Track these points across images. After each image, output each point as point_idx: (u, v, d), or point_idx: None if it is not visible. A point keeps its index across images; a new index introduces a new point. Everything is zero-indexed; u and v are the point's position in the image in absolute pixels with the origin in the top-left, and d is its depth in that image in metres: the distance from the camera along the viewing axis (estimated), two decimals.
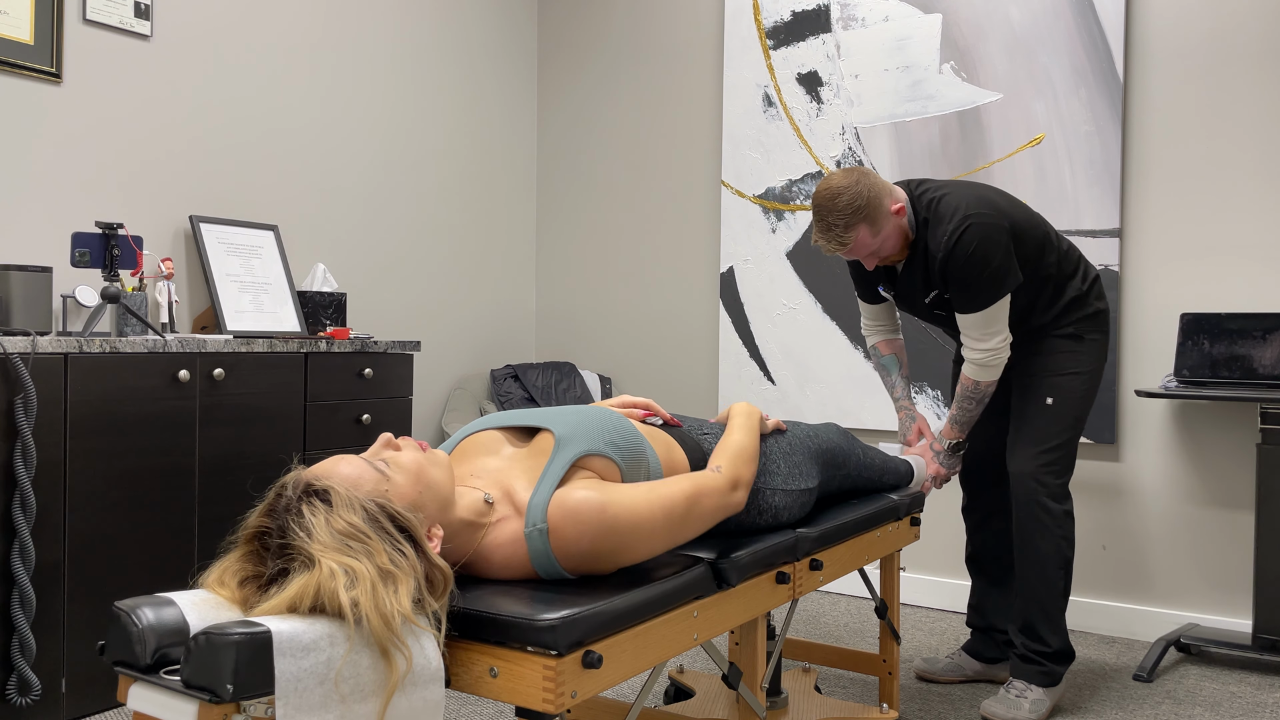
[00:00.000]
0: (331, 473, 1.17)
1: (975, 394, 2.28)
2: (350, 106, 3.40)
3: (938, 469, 2.38)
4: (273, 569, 1.11)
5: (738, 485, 1.51)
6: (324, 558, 1.06)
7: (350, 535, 1.09)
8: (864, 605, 3.29)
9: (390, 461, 1.22)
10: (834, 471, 1.94)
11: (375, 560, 1.09)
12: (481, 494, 1.31)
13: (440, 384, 3.79)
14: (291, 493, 1.14)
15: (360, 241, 3.45)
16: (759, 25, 3.60)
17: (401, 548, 1.12)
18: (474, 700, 2.35)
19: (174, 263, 2.86)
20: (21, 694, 2.03)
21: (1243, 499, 2.80)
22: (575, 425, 1.42)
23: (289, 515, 1.12)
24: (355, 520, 1.11)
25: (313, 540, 1.08)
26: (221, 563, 1.16)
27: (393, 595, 1.07)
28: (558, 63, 4.15)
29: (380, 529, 1.12)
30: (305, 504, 1.12)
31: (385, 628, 1.05)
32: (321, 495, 1.13)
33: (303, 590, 1.05)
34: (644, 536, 1.32)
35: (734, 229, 3.66)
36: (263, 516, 1.15)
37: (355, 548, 1.09)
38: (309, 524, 1.10)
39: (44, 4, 2.55)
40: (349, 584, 1.05)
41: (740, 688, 1.61)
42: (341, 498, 1.13)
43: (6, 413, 2.02)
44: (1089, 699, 2.41)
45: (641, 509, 1.32)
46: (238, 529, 1.18)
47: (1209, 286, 2.84)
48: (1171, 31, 2.89)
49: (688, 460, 1.60)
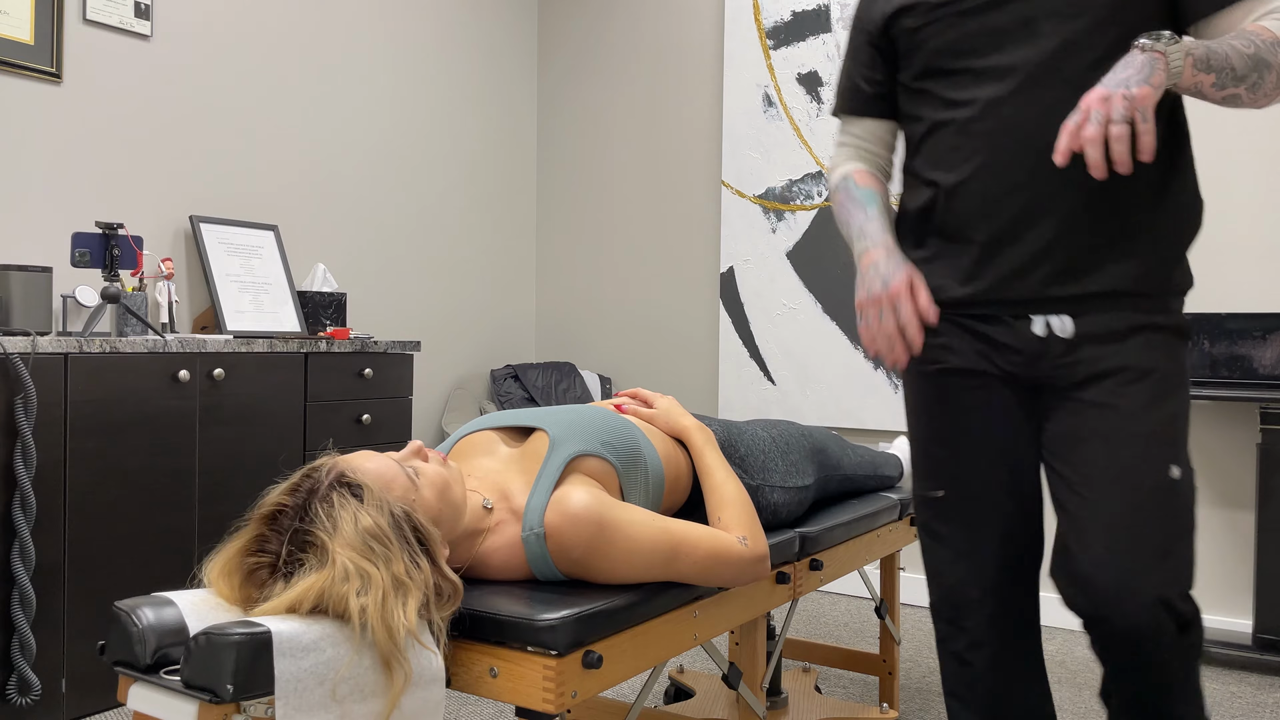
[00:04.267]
0: (366, 468, 1.16)
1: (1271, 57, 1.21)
2: (350, 107, 3.40)
3: None
4: (284, 553, 1.09)
5: (764, 557, 1.41)
6: (340, 556, 1.05)
7: (375, 536, 1.08)
8: (864, 605, 3.29)
9: (419, 472, 1.22)
10: (830, 472, 1.93)
11: (392, 568, 1.08)
12: (481, 499, 1.31)
13: (440, 384, 3.79)
14: (325, 477, 1.12)
15: (360, 241, 3.45)
16: (759, 25, 3.60)
17: (418, 559, 1.12)
18: (474, 700, 2.35)
19: (174, 263, 2.86)
20: (21, 694, 2.03)
21: (1243, 499, 2.80)
22: (569, 426, 1.41)
23: (317, 500, 1.10)
24: (382, 522, 1.10)
25: (336, 533, 1.07)
26: (227, 548, 1.14)
27: (401, 608, 1.06)
28: (558, 63, 4.15)
29: (402, 536, 1.11)
30: (337, 493, 1.11)
31: (389, 640, 1.04)
32: (354, 489, 1.12)
33: (311, 588, 1.04)
34: (638, 571, 1.29)
35: (734, 229, 3.66)
36: (285, 494, 1.13)
37: (376, 550, 1.08)
38: (337, 515, 1.08)
39: (44, 4, 2.55)
40: (361, 589, 1.04)
41: (740, 688, 1.61)
42: (374, 496, 1.12)
43: (6, 413, 2.02)
44: (1089, 699, 2.41)
45: (643, 545, 1.28)
46: (252, 508, 1.16)
47: (1209, 286, 2.84)
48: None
49: (688, 457, 1.60)
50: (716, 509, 1.47)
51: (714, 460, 1.55)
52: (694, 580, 1.35)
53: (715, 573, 1.36)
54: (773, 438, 1.77)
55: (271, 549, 1.11)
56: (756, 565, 1.40)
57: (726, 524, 1.44)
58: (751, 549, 1.40)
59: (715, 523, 1.45)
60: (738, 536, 1.41)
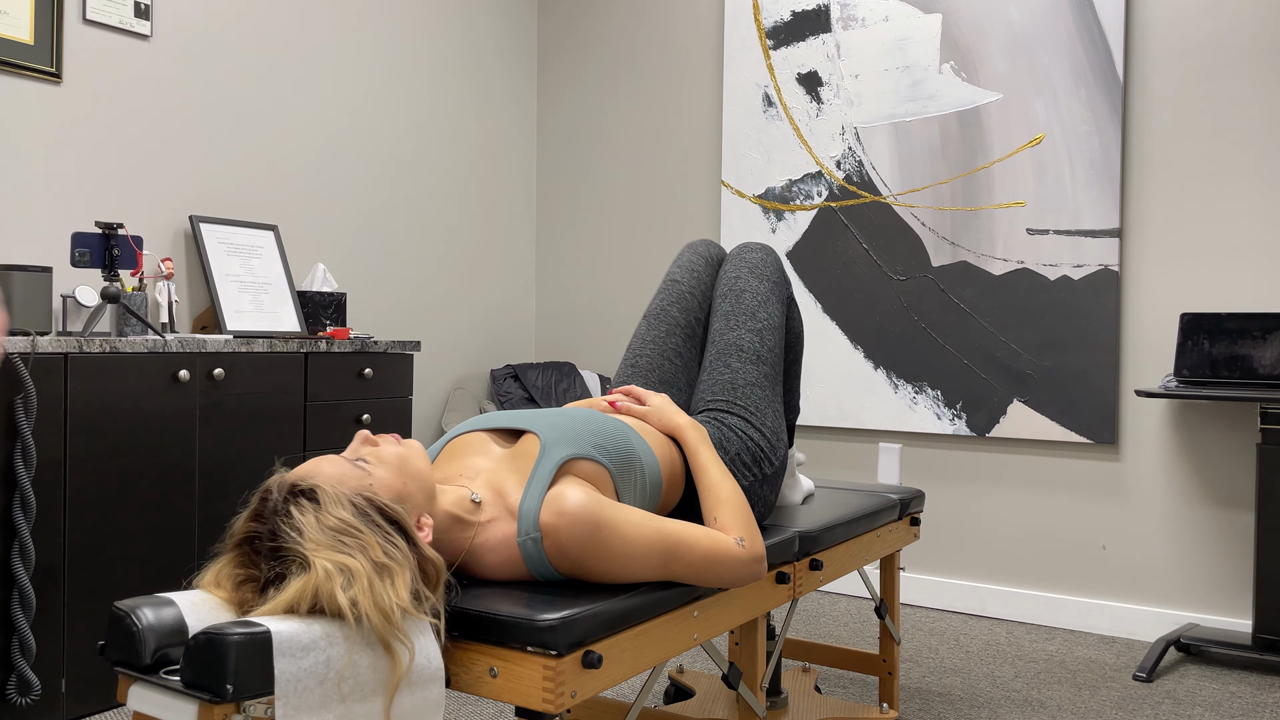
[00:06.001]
0: (315, 472, 1.16)
1: None
2: (351, 106, 3.40)
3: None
4: (268, 572, 1.10)
5: (762, 558, 1.42)
6: (317, 558, 1.06)
7: (342, 531, 1.09)
8: (864, 605, 3.29)
9: (371, 457, 1.22)
10: (775, 372, 1.82)
11: (370, 554, 1.08)
12: (468, 492, 1.30)
13: (440, 384, 3.79)
14: (277, 495, 1.13)
15: (360, 241, 3.45)
16: (759, 25, 3.60)
17: (393, 540, 1.12)
18: (474, 700, 2.35)
19: (174, 263, 2.86)
20: (21, 694, 2.03)
21: (1243, 499, 2.80)
22: (560, 429, 1.39)
23: (278, 518, 1.11)
24: (345, 515, 1.10)
25: (305, 539, 1.07)
26: (215, 565, 1.15)
27: (390, 589, 1.07)
28: (558, 62, 4.15)
29: (371, 522, 1.12)
30: (293, 504, 1.11)
31: (385, 622, 1.05)
32: (308, 494, 1.12)
33: (300, 593, 1.05)
34: (635, 572, 1.29)
35: (734, 229, 3.66)
36: (250, 521, 1.13)
37: (348, 543, 1.08)
38: (299, 524, 1.09)
39: (44, 4, 2.55)
40: (346, 584, 1.05)
41: (740, 688, 1.61)
42: (329, 495, 1.12)
43: (6, 413, 2.02)
44: (1089, 699, 2.41)
45: (639, 546, 1.28)
46: (225, 535, 1.17)
47: (1209, 286, 2.84)
48: (1171, 31, 2.89)
49: (683, 456, 1.59)
50: (712, 509, 1.46)
51: (708, 458, 1.53)
52: (690, 580, 1.35)
53: (712, 573, 1.35)
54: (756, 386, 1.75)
55: (254, 575, 1.12)
56: (754, 566, 1.40)
57: (723, 524, 1.43)
58: (749, 550, 1.40)
59: (711, 523, 1.44)
60: (735, 538, 1.40)
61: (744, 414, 1.70)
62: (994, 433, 3.15)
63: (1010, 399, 3.12)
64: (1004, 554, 3.16)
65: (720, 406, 1.71)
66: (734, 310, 1.82)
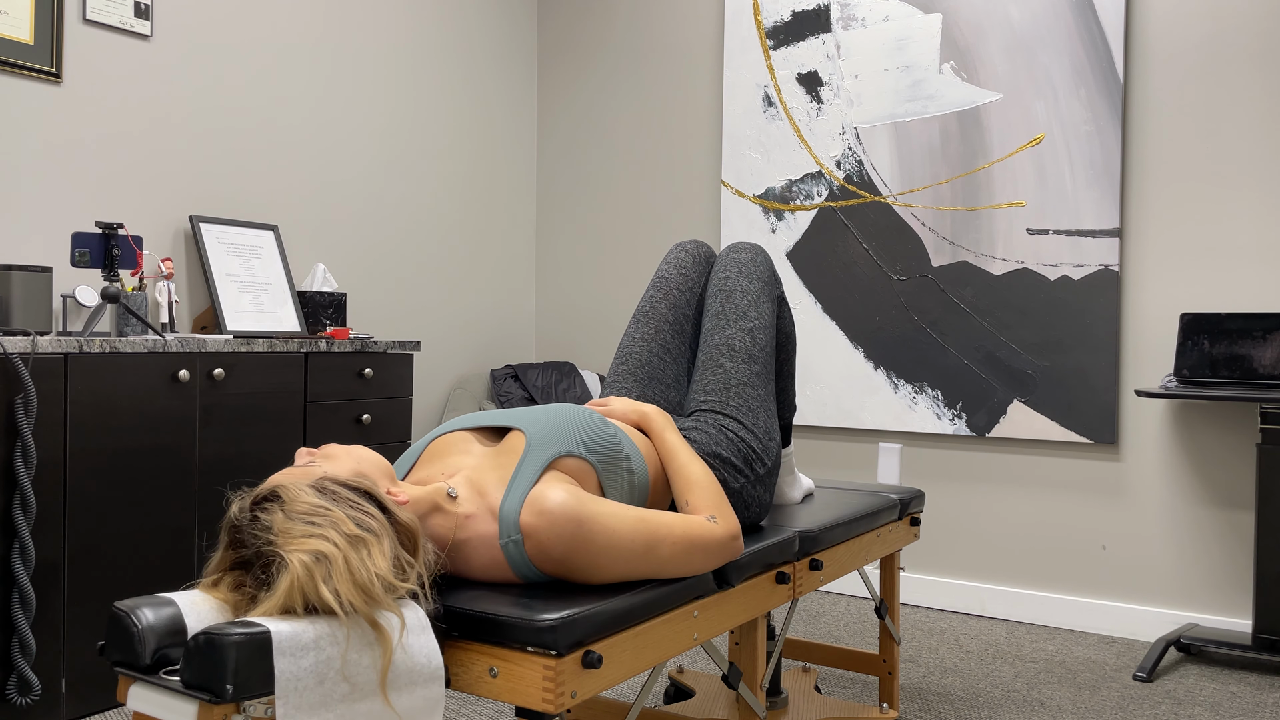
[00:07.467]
0: (270, 481, 1.17)
1: None
2: (350, 106, 3.40)
3: None
4: (255, 587, 1.10)
5: (737, 535, 1.43)
6: (292, 553, 1.05)
7: (310, 513, 1.09)
8: (864, 605, 3.29)
9: (317, 456, 1.23)
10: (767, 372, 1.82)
11: (341, 529, 1.08)
12: (444, 485, 1.29)
13: (440, 384, 3.79)
14: (243, 513, 1.13)
15: (360, 241, 3.45)
16: (759, 25, 3.60)
17: (362, 507, 1.12)
18: (474, 700, 2.35)
19: (174, 263, 2.86)
20: (21, 694, 2.03)
21: (1243, 499, 2.80)
22: (547, 426, 1.38)
23: (249, 528, 1.11)
24: (310, 498, 1.11)
25: (276, 534, 1.08)
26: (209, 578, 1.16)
27: (367, 559, 1.07)
28: (558, 62, 4.15)
29: (337, 498, 1.12)
30: (259, 511, 1.12)
31: (366, 597, 1.05)
32: (270, 497, 1.13)
33: (288, 594, 1.04)
34: (620, 564, 1.29)
35: (734, 229, 3.66)
36: (228, 550, 1.14)
37: (319, 522, 1.08)
38: (267, 523, 1.09)
39: (44, 4, 2.55)
40: (325, 575, 1.04)
41: (740, 688, 1.61)
42: (290, 489, 1.13)
43: (6, 413, 2.02)
44: (1089, 699, 2.41)
45: (622, 536, 1.28)
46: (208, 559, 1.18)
47: (1209, 286, 2.85)
48: (1171, 31, 2.89)
49: None
50: (684, 491, 1.47)
51: (676, 441, 1.55)
52: (672, 568, 1.34)
53: (691, 557, 1.36)
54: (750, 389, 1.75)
55: (242, 580, 1.13)
56: (731, 543, 1.42)
57: (695, 505, 1.45)
58: (723, 526, 1.41)
59: (684, 506, 1.46)
60: (706, 516, 1.42)
61: (736, 414, 1.70)
62: (994, 433, 3.15)
63: (1010, 399, 3.12)
64: (1004, 554, 3.16)
65: (713, 408, 1.72)
66: (725, 310, 1.83)
